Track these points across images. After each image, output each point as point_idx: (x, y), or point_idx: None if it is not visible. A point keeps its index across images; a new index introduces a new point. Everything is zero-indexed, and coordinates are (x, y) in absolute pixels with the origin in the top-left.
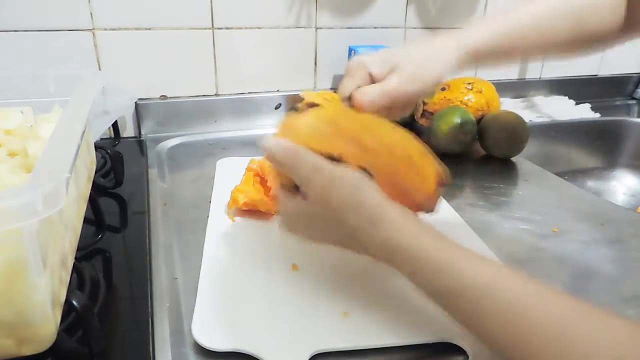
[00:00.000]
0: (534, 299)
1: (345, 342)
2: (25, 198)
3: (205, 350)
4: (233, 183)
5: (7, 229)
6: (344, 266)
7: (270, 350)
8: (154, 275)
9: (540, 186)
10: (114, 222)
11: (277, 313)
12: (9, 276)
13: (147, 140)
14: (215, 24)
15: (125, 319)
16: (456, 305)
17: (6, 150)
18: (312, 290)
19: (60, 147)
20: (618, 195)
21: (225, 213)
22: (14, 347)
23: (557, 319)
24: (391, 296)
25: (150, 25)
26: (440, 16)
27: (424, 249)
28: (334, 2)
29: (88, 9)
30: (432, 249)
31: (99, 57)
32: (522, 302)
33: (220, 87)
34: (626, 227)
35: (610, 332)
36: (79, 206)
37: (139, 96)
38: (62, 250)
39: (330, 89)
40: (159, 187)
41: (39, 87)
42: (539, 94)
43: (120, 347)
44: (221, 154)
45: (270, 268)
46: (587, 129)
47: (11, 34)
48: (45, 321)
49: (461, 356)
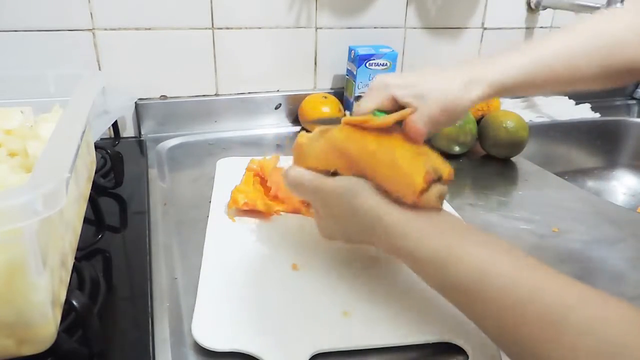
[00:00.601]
0: (530, 285)
1: (345, 342)
2: (25, 198)
3: (205, 350)
4: (233, 183)
5: (7, 229)
6: (344, 266)
7: (270, 350)
8: (154, 275)
9: (540, 186)
10: (114, 222)
11: (277, 313)
12: (9, 276)
13: (147, 140)
14: (215, 24)
15: (125, 319)
16: (457, 296)
17: (6, 150)
18: (312, 290)
19: (60, 147)
20: (618, 195)
21: (225, 213)
22: (14, 347)
23: (557, 306)
24: (391, 296)
25: (150, 25)
26: (440, 16)
27: (420, 245)
28: (334, 2)
29: (88, 9)
30: (427, 244)
31: (99, 57)
32: (518, 288)
33: (220, 87)
34: (626, 227)
35: (616, 321)
36: (79, 206)
37: (139, 96)
38: (62, 250)
39: (330, 89)
40: (159, 187)
41: (39, 87)
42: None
43: (120, 347)
44: (221, 154)
45: (270, 268)
46: (587, 129)
47: (11, 34)
48: (45, 321)
49: (461, 356)
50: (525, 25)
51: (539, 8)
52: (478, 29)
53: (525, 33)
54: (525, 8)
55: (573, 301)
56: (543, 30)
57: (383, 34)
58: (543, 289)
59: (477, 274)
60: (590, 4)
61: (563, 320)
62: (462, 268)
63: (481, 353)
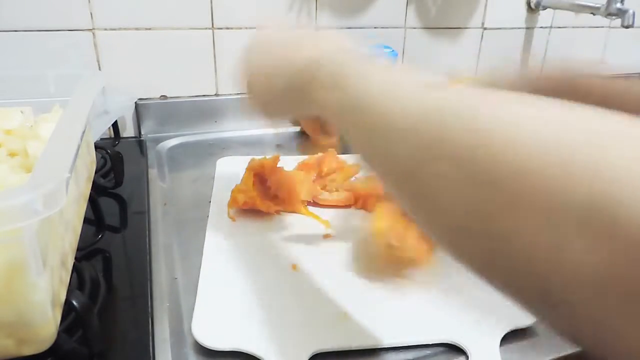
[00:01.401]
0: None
1: (345, 342)
2: (25, 198)
3: (205, 350)
4: (233, 183)
5: (7, 229)
6: (344, 266)
7: (270, 350)
8: (154, 275)
9: None
10: (114, 222)
11: (277, 313)
12: (9, 276)
13: (147, 140)
14: (215, 24)
15: (125, 319)
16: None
17: (6, 150)
18: (312, 290)
19: (60, 147)
20: None
21: (225, 213)
22: (14, 347)
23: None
24: (391, 296)
25: (150, 25)
26: (440, 16)
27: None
28: (334, 2)
29: (88, 9)
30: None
31: (99, 57)
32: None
33: (220, 87)
34: None
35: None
36: (79, 206)
37: (139, 96)
38: (62, 250)
39: None
40: (159, 187)
41: (39, 87)
42: None
43: (120, 347)
44: (221, 154)
45: (270, 268)
46: None
47: (11, 34)
48: (45, 321)
49: (461, 356)
50: (525, 26)
51: (539, 8)
52: (478, 29)
53: (525, 33)
54: (525, 8)
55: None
56: (543, 30)
57: (383, 34)
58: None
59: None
60: (590, 4)
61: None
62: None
63: (481, 353)
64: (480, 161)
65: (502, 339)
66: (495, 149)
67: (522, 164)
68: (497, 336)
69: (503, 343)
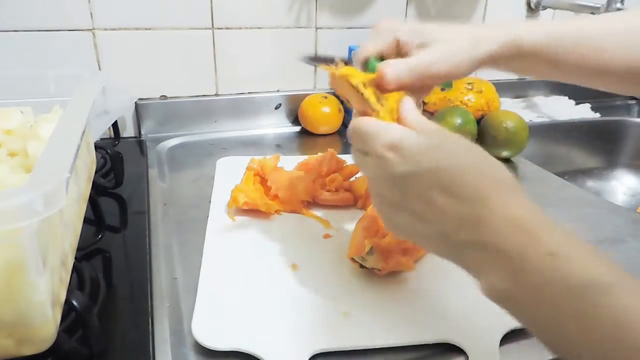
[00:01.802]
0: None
1: (345, 342)
2: (25, 198)
3: (205, 350)
4: (233, 183)
5: (7, 229)
6: (344, 266)
7: (270, 350)
8: (154, 275)
9: (540, 186)
10: (114, 222)
11: (277, 313)
12: (9, 276)
13: (147, 140)
14: (215, 24)
15: (125, 319)
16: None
17: (6, 150)
18: (312, 290)
19: (60, 147)
20: (618, 195)
21: (225, 213)
22: (14, 347)
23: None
24: (391, 296)
25: (150, 25)
26: (440, 16)
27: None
28: (334, 2)
29: (88, 9)
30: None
31: (99, 57)
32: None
33: (220, 87)
34: (626, 227)
35: None
36: (79, 206)
37: (139, 96)
38: (62, 250)
39: (330, 89)
40: (159, 187)
41: (39, 87)
42: (539, 94)
43: (120, 347)
44: (221, 154)
45: (270, 268)
46: (587, 129)
47: (11, 34)
48: (45, 321)
49: (461, 356)
50: None
51: (539, 8)
52: None
53: None
54: (525, 8)
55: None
56: None
57: None
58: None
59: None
60: (590, 3)
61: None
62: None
63: (481, 353)
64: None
65: (502, 339)
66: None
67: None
68: (496, 336)
69: (503, 343)
